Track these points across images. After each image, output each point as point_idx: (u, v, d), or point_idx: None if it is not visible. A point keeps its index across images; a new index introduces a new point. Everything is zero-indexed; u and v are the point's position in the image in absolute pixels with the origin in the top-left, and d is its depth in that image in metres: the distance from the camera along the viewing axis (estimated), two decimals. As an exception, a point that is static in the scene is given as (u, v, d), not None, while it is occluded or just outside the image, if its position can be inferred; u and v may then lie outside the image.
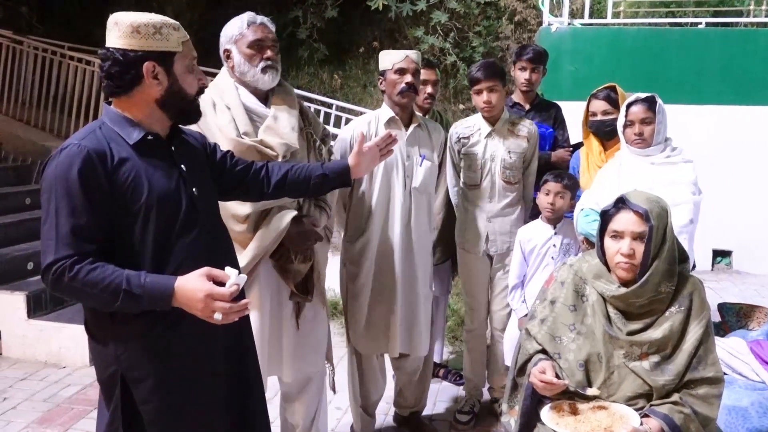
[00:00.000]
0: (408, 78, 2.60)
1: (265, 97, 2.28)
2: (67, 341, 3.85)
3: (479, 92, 2.84)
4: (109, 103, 1.62)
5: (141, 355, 1.55)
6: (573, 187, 2.73)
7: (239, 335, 1.77)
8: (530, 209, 3.07)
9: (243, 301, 1.51)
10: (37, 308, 3.99)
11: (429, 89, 3.18)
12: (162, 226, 1.55)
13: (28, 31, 7.51)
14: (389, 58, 2.64)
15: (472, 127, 2.95)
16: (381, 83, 2.69)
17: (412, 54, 2.64)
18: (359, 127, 2.64)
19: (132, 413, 1.56)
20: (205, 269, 1.50)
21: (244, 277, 1.54)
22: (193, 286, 1.47)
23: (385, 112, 2.68)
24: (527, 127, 2.95)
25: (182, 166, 1.64)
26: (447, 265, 3.35)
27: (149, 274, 1.49)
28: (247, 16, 2.23)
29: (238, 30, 2.22)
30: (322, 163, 2.05)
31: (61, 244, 1.45)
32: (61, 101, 6.66)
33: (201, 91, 1.67)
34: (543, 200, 2.77)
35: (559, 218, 2.78)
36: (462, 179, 2.99)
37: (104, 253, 1.49)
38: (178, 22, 1.61)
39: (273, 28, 2.28)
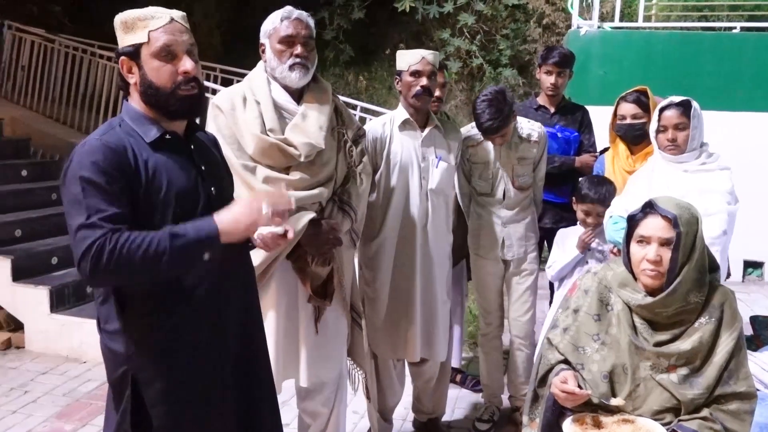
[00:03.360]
0: (423, 81, 2.54)
1: (299, 94, 2.22)
2: (88, 337, 3.87)
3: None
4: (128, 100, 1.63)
5: (151, 355, 1.53)
6: (610, 200, 2.61)
7: (249, 339, 1.74)
8: (540, 210, 3.02)
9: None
10: (59, 303, 4.03)
11: (436, 92, 3.10)
12: (178, 223, 1.52)
13: (60, 30, 7.63)
14: (405, 59, 2.58)
15: (480, 134, 2.84)
16: (397, 83, 2.64)
17: (429, 55, 2.56)
18: (374, 129, 2.60)
19: (141, 415, 1.53)
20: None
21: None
22: (236, 203, 1.54)
23: (400, 113, 2.63)
24: (537, 131, 2.87)
25: (201, 166, 1.62)
26: (461, 268, 3.28)
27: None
28: (283, 10, 2.17)
29: (272, 24, 2.17)
30: None
31: (94, 225, 1.41)
32: (89, 99, 6.75)
33: (183, 83, 1.54)
34: (580, 215, 2.71)
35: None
36: (473, 186, 2.93)
37: None
38: (155, 9, 1.55)
39: (310, 23, 2.21)
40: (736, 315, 1.75)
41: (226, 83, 1.87)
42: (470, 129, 2.91)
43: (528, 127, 2.86)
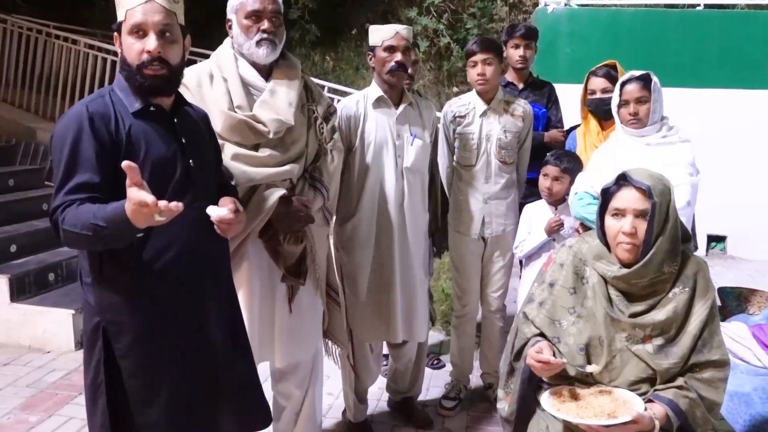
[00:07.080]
0: (398, 56, 2.50)
1: (268, 71, 2.16)
2: (52, 325, 3.76)
3: (474, 65, 2.77)
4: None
5: (123, 308, 1.61)
6: (574, 170, 2.65)
7: (224, 307, 1.78)
8: (524, 191, 3.01)
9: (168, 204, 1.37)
10: (20, 292, 3.89)
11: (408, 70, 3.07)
12: (152, 191, 1.51)
13: (13, 10, 7.33)
14: (379, 34, 2.53)
15: (467, 105, 2.87)
16: (370, 59, 2.59)
17: (403, 30, 2.53)
18: (348, 107, 2.56)
19: (113, 367, 1.61)
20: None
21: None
22: (128, 202, 1.37)
23: (374, 90, 2.58)
24: (522, 106, 2.88)
25: (183, 139, 1.68)
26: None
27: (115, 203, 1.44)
28: None
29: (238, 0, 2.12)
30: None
31: (61, 193, 1.51)
32: (46, 82, 6.52)
33: (147, 62, 1.58)
34: (542, 183, 2.74)
35: (561, 200, 2.74)
36: (456, 159, 2.91)
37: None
38: None
39: None
40: (709, 284, 1.77)
41: (188, 64, 1.81)
42: (458, 100, 2.92)
43: (514, 101, 2.90)
